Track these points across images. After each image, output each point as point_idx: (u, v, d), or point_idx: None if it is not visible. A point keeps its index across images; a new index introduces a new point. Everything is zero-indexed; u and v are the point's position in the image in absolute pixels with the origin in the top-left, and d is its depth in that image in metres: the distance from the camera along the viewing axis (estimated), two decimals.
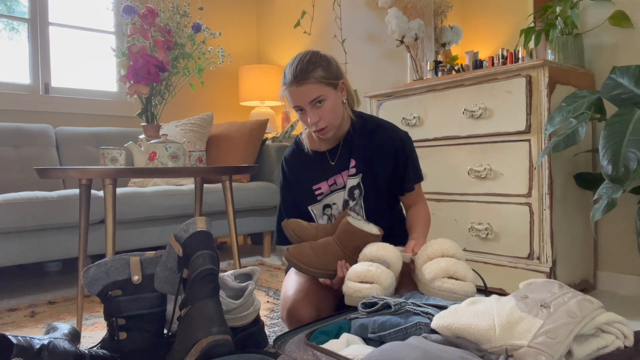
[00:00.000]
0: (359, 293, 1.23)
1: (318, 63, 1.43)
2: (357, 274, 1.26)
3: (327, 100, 1.43)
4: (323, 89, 1.42)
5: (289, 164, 1.63)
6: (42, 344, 1.04)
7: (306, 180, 1.58)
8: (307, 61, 1.42)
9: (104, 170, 1.57)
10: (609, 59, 2.04)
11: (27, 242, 2.12)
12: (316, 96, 1.41)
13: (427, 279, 1.24)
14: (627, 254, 2.01)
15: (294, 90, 1.41)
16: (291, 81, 1.40)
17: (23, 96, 2.98)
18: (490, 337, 0.93)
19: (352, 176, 1.52)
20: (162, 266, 1.22)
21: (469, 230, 2.07)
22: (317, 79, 1.40)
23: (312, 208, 1.58)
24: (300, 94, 1.41)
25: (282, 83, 1.46)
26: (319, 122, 1.43)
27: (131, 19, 1.84)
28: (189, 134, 2.94)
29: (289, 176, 1.62)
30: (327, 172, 1.55)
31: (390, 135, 1.52)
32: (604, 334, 0.98)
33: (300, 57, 1.43)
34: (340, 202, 1.55)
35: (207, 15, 3.72)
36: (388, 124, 1.57)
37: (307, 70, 1.40)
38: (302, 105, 1.42)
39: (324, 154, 1.57)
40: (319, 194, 1.56)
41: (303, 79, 1.39)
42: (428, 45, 2.67)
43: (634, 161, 1.36)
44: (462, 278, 1.21)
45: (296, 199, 1.61)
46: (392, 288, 1.27)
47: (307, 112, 1.43)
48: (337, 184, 1.55)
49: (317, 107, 1.42)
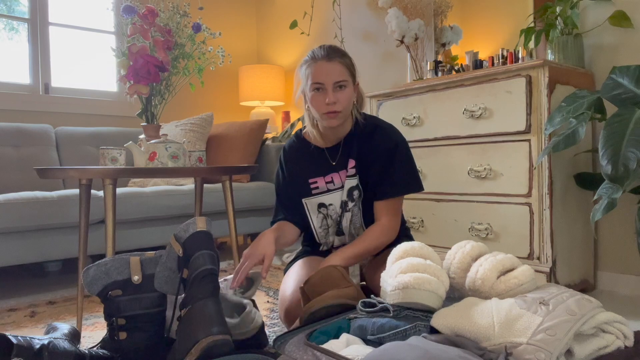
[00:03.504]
0: (429, 285, 1.07)
1: (347, 54, 1.48)
2: (414, 266, 1.11)
3: (347, 88, 1.44)
4: (347, 76, 1.44)
5: (287, 155, 1.63)
6: (42, 344, 1.04)
7: (303, 172, 1.57)
8: (338, 48, 1.46)
9: (104, 170, 1.57)
10: (609, 59, 2.04)
11: (27, 242, 2.12)
12: (342, 79, 1.42)
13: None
14: (627, 254, 2.01)
15: (324, 64, 1.41)
16: (323, 56, 1.42)
17: (23, 96, 2.98)
18: (490, 334, 0.93)
19: (351, 177, 1.51)
20: (162, 266, 1.22)
21: (469, 230, 2.07)
22: (346, 64, 1.44)
23: (305, 201, 1.57)
24: (329, 70, 1.41)
25: (307, 59, 1.45)
26: (335, 104, 1.42)
27: (131, 19, 1.84)
28: (189, 134, 2.94)
29: (286, 167, 1.62)
30: (325, 169, 1.55)
31: (386, 138, 1.51)
32: (604, 333, 0.98)
33: (331, 45, 1.47)
34: (338, 203, 1.54)
35: (207, 15, 3.72)
36: (388, 126, 1.55)
37: (339, 52, 1.45)
38: (326, 83, 1.41)
39: (324, 151, 1.57)
40: (314, 187, 1.55)
41: (335, 57, 1.42)
42: (428, 45, 2.67)
43: (634, 161, 1.36)
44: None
45: (291, 191, 1.61)
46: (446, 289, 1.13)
47: (327, 91, 1.42)
48: (334, 183, 1.54)
49: (339, 90, 1.43)
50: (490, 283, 1.09)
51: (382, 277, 1.19)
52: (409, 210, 2.30)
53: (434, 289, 1.08)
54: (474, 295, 1.12)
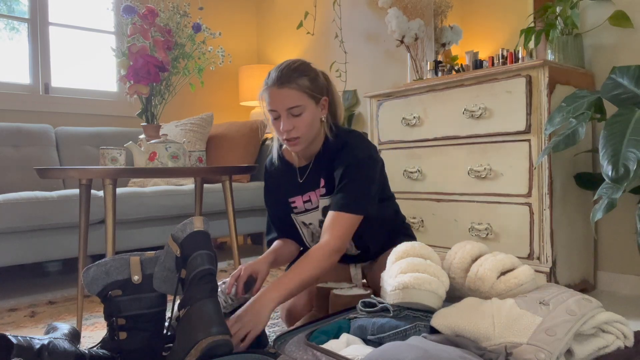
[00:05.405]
0: (429, 285, 1.07)
1: (305, 72, 1.36)
2: (414, 266, 1.11)
3: (305, 113, 1.35)
4: (304, 100, 1.34)
5: (267, 173, 1.59)
6: (42, 344, 1.04)
7: (282, 191, 1.53)
8: (295, 68, 1.35)
9: (104, 170, 1.57)
10: (609, 59, 2.04)
11: (27, 242, 2.12)
12: (295, 104, 1.33)
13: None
14: (627, 254, 2.01)
15: (274, 91, 1.33)
16: (273, 82, 1.33)
17: (23, 96, 2.98)
18: (490, 334, 0.93)
19: (323, 196, 1.45)
20: (160, 266, 1.22)
21: (469, 230, 2.07)
22: (300, 87, 1.33)
23: (294, 217, 1.54)
24: (280, 98, 1.33)
25: (264, 83, 1.37)
26: (291, 131, 1.34)
27: (131, 19, 1.84)
28: (189, 134, 2.94)
29: (269, 185, 1.59)
30: (300, 188, 1.49)
31: (350, 154, 1.39)
32: (604, 334, 0.98)
33: (289, 62, 1.37)
34: (316, 222, 1.49)
35: (207, 15, 3.72)
36: (357, 142, 1.42)
37: (293, 75, 1.33)
38: (279, 110, 1.34)
39: (296, 170, 1.51)
40: (294, 207, 1.51)
41: (286, 82, 1.32)
42: (428, 45, 2.67)
43: (634, 161, 1.36)
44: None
45: (278, 209, 1.57)
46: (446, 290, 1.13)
47: (281, 119, 1.35)
48: (311, 202, 1.48)
49: (293, 117, 1.34)
50: (490, 283, 1.09)
51: (382, 277, 1.19)
52: (409, 210, 2.30)
53: (434, 289, 1.08)
54: (474, 295, 1.12)
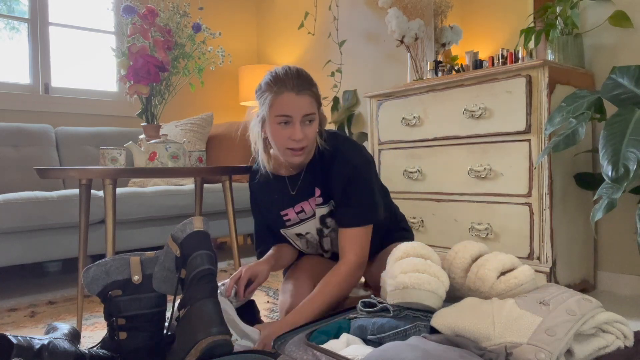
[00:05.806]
0: (429, 285, 1.07)
1: (314, 81, 1.34)
2: (414, 266, 1.11)
3: (315, 122, 1.33)
4: (315, 108, 1.33)
5: (252, 185, 1.54)
6: (42, 344, 1.04)
7: (273, 205, 1.48)
8: (307, 75, 1.33)
9: (104, 170, 1.57)
10: (609, 59, 2.04)
11: (27, 242, 2.12)
12: (311, 111, 1.30)
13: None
14: (627, 254, 2.01)
15: (292, 97, 1.27)
16: (292, 87, 1.27)
17: (23, 96, 2.98)
18: (490, 334, 0.93)
19: (320, 205, 1.43)
20: (160, 266, 1.22)
21: (469, 230, 2.07)
22: (314, 95, 1.32)
23: (284, 232, 1.52)
24: (299, 104, 1.28)
25: (271, 84, 1.30)
26: (303, 140, 1.30)
27: (131, 19, 1.84)
28: (189, 134, 2.94)
29: (257, 197, 1.54)
30: (291, 199, 1.45)
31: (344, 162, 1.36)
32: (604, 333, 0.98)
33: (297, 68, 1.32)
34: (314, 230, 1.48)
35: (207, 15, 3.72)
36: (348, 148, 1.40)
37: (310, 82, 1.31)
38: (294, 117, 1.28)
39: (284, 180, 1.46)
40: (287, 220, 1.48)
41: (305, 89, 1.29)
42: (428, 45, 2.67)
43: (634, 161, 1.36)
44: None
45: (266, 221, 1.55)
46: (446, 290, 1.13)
47: (294, 125, 1.29)
48: (305, 212, 1.45)
49: (307, 125, 1.31)
50: (490, 283, 1.09)
51: (382, 277, 1.20)
52: (409, 210, 2.30)
53: (434, 289, 1.08)
54: (474, 295, 1.12)
